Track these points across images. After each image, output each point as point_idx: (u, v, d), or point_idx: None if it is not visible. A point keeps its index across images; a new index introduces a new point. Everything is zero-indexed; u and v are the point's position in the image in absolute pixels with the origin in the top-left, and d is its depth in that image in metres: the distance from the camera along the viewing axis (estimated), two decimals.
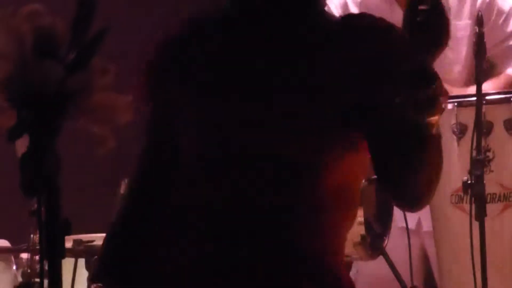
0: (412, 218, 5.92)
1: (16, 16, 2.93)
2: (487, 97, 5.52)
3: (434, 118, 3.18)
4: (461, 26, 6.36)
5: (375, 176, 5.54)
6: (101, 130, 2.98)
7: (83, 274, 5.75)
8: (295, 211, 3.33)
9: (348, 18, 3.62)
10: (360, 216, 5.00)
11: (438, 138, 3.24)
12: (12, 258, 6.25)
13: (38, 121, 2.88)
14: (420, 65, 3.23)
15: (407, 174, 3.28)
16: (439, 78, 3.18)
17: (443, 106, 3.23)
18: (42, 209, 2.86)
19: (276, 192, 3.34)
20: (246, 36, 3.43)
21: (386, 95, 3.24)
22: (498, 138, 5.49)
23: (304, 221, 3.33)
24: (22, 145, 2.90)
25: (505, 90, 6.04)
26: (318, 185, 3.31)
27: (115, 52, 6.50)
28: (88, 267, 5.73)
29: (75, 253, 5.81)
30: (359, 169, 3.39)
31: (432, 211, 5.69)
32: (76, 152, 4.87)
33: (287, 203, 3.32)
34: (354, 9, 6.66)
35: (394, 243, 5.66)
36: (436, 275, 6.10)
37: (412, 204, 3.42)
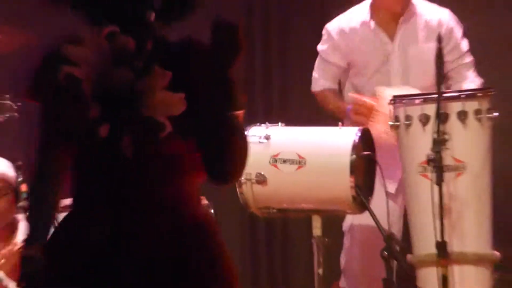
0: (392, 185, 5.73)
1: (99, 35, 2.99)
2: (444, 95, 5.31)
3: (237, 113, 3.14)
4: (431, 48, 5.77)
5: (364, 153, 5.29)
6: (161, 119, 2.98)
7: None
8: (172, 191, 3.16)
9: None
10: (351, 182, 4.98)
11: (240, 128, 3.16)
12: None
13: (114, 113, 2.93)
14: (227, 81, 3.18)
15: (217, 156, 3.14)
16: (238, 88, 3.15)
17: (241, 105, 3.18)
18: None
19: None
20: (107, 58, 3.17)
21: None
22: (452, 124, 5.23)
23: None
24: (103, 131, 2.96)
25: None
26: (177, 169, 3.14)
27: None
28: None
29: None
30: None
31: (404, 178, 5.50)
32: None
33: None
34: (349, 35, 6.10)
35: (378, 203, 5.42)
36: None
37: (224, 179, 3.19)
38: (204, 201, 4.47)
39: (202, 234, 3.21)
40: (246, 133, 3.38)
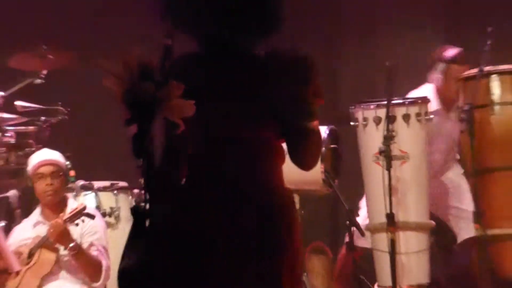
0: None
1: (129, 55, 2.95)
2: (392, 102, 5.33)
3: (314, 123, 3.11)
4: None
5: (331, 146, 5.51)
6: (176, 120, 2.97)
7: None
8: (256, 169, 3.14)
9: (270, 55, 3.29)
10: (322, 168, 5.03)
11: (317, 132, 3.12)
12: (129, 192, 5.89)
13: (141, 115, 2.88)
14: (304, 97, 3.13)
15: (303, 151, 3.14)
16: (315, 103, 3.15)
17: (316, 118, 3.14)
18: (144, 164, 2.87)
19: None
20: (215, 68, 3.16)
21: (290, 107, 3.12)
22: (398, 124, 5.33)
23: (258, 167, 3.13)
24: (132, 128, 2.89)
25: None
26: (263, 152, 3.11)
27: None
28: None
29: None
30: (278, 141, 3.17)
31: (363, 165, 5.51)
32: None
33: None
34: None
35: None
36: None
37: (304, 166, 3.16)
38: None
39: (286, 207, 3.20)
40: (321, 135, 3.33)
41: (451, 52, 5.79)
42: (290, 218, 3.12)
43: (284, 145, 3.14)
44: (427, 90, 5.80)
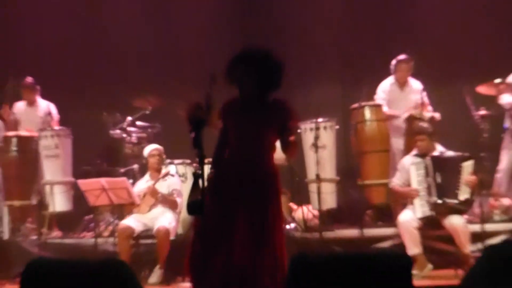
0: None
1: (191, 100, 2.87)
2: (319, 120, 5.39)
3: (291, 136, 3.11)
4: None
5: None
6: (215, 130, 3.05)
7: None
8: (261, 153, 3.09)
9: (274, 101, 3.15)
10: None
11: (294, 141, 3.11)
12: (192, 165, 5.53)
13: (196, 128, 2.89)
14: (293, 120, 3.12)
15: (288, 148, 3.11)
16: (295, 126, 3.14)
17: (295, 136, 3.11)
18: (198, 151, 2.86)
19: (258, 149, 3.09)
20: (246, 106, 3.11)
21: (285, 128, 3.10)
22: (321, 130, 5.46)
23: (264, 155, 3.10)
24: (192, 134, 2.82)
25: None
26: (265, 146, 3.09)
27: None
28: None
29: None
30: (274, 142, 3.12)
31: (304, 151, 5.48)
32: None
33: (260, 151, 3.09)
34: (393, 90, 5.67)
35: None
36: None
37: (287, 154, 3.17)
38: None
39: (274, 176, 3.08)
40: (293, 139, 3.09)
41: (400, 57, 5.59)
42: (276, 178, 3.10)
43: (277, 143, 3.13)
44: (389, 79, 5.64)
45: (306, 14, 6.39)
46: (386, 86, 5.63)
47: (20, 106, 6.00)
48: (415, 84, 5.59)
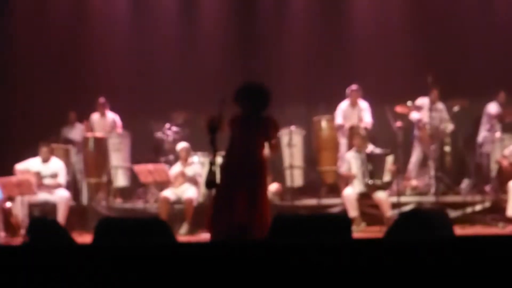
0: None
1: (209, 114, 2.78)
2: (292, 128, 5.27)
3: (275, 140, 3.08)
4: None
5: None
6: (224, 134, 2.97)
7: None
8: (255, 151, 3.04)
9: (264, 118, 3.07)
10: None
11: (278, 145, 3.16)
12: (208, 155, 5.09)
13: (212, 132, 2.86)
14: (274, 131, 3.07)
15: (272, 148, 3.06)
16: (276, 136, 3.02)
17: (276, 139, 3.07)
18: (213, 147, 2.84)
19: (253, 152, 3.04)
20: (246, 120, 3.08)
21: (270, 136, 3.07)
22: (293, 137, 5.28)
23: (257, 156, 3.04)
24: (209, 135, 2.83)
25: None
26: (258, 146, 3.04)
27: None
28: None
29: None
30: (263, 147, 3.06)
31: (283, 151, 5.32)
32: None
33: (255, 154, 3.04)
34: (347, 109, 5.33)
35: None
36: None
37: (272, 153, 3.06)
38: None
39: (263, 164, 3.03)
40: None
41: (352, 86, 5.32)
42: (264, 166, 3.06)
43: (266, 144, 3.12)
44: (345, 101, 5.33)
45: (285, 56, 6.11)
46: (343, 106, 5.42)
47: (95, 116, 5.93)
48: (363, 104, 5.39)
